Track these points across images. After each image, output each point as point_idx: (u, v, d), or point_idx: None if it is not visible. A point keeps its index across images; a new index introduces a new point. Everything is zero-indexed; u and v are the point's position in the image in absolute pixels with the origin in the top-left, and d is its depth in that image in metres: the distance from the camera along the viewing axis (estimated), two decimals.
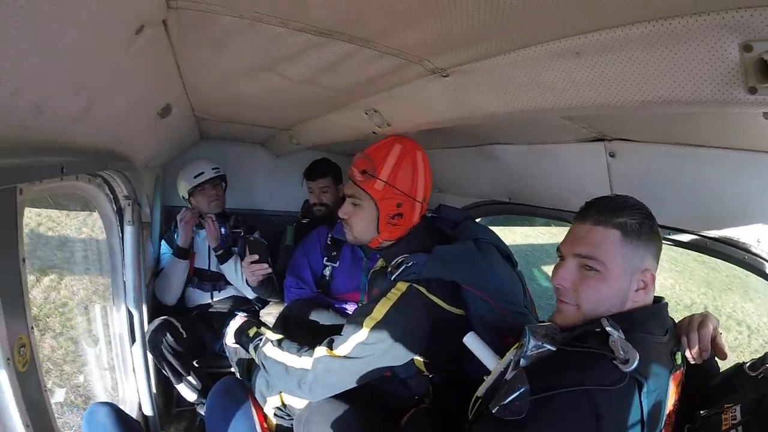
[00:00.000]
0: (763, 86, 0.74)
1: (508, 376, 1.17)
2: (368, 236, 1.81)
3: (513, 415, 1.08)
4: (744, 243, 1.48)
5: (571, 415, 1.08)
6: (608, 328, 1.12)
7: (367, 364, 1.60)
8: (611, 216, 1.21)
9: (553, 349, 1.17)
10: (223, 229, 3.24)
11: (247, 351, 1.93)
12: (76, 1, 0.64)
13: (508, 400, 1.09)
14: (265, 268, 2.51)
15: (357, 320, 1.64)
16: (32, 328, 1.34)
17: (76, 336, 3.54)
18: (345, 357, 1.60)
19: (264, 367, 1.78)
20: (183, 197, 3.30)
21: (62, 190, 1.97)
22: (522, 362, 1.17)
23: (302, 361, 1.67)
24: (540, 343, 1.17)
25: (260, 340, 1.85)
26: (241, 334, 1.98)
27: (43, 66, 0.73)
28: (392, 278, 1.73)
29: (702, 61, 0.80)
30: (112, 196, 2.26)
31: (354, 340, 1.60)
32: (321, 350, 1.65)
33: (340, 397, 1.76)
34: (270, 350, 1.77)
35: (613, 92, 1.00)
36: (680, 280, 9.45)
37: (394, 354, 1.60)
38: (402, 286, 1.65)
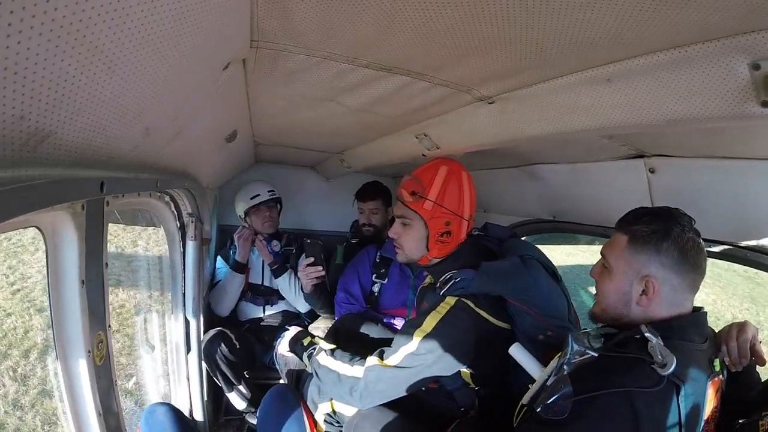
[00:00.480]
0: None
1: (551, 381, 1.22)
2: (418, 254, 1.87)
3: (556, 415, 1.13)
4: None
5: (611, 415, 1.12)
6: (647, 334, 1.17)
7: (416, 374, 1.66)
8: (628, 223, 1.33)
9: (595, 355, 1.21)
10: (269, 247, 3.41)
11: (301, 359, 2.01)
12: (183, 41, 0.77)
13: (551, 399, 1.15)
14: (319, 271, 2.63)
15: (408, 332, 1.70)
16: (109, 326, 1.50)
17: (131, 334, 3.76)
18: (395, 366, 1.66)
19: (317, 375, 1.86)
20: (240, 216, 3.46)
21: (136, 206, 2.15)
22: (565, 368, 1.21)
23: (354, 370, 1.75)
24: (582, 349, 1.22)
25: (314, 349, 1.94)
26: (296, 343, 2.07)
27: (155, 94, 0.88)
28: (441, 293, 1.78)
29: (717, 80, 0.89)
30: (176, 213, 2.43)
31: (404, 351, 1.67)
32: (372, 360, 1.72)
33: (389, 406, 1.82)
34: (323, 359, 1.85)
35: (641, 113, 1.10)
36: (722, 296, 9.20)
37: (442, 364, 1.66)
38: (451, 300, 1.70)
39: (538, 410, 1.17)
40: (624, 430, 1.11)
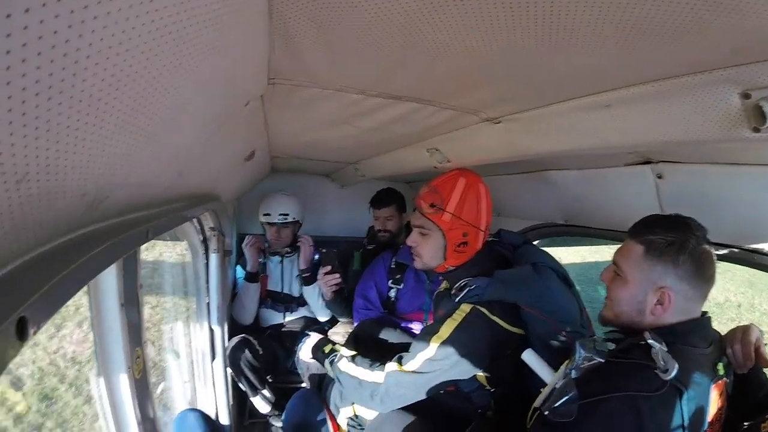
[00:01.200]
0: (764, 127, 0.87)
1: (558, 384, 1.26)
2: (436, 263, 1.92)
3: (563, 418, 1.18)
4: None
5: (616, 418, 1.17)
6: (650, 341, 1.20)
7: (434, 379, 1.70)
8: (643, 233, 1.33)
9: (602, 360, 1.25)
10: (317, 255, 3.44)
11: (323, 365, 2.07)
12: (210, 90, 0.85)
13: (558, 403, 1.20)
14: (336, 278, 2.74)
15: (425, 338, 1.74)
16: (145, 342, 1.60)
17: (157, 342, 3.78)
18: (414, 372, 1.71)
19: (339, 381, 1.92)
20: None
21: None
22: (573, 374, 1.25)
23: (374, 375, 1.80)
24: (589, 355, 1.25)
25: (335, 355, 2.00)
26: (317, 350, 2.13)
27: (187, 143, 0.96)
28: (456, 300, 1.82)
29: (710, 107, 0.95)
30: (199, 228, 2.53)
31: (422, 357, 1.71)
32: (392, 365, 1.78)
33: (408, 409, 1.88)
34: (345, 365, 1.91)
35: (638, 135, 1.17)
36: (720, 281, 9.14)
37: (458, 369, 1.69)
38: (466, 308, 1.74)
39: (546, 413, 1.22)
40: None
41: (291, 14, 0.82)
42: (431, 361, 1.70)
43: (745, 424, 1.29)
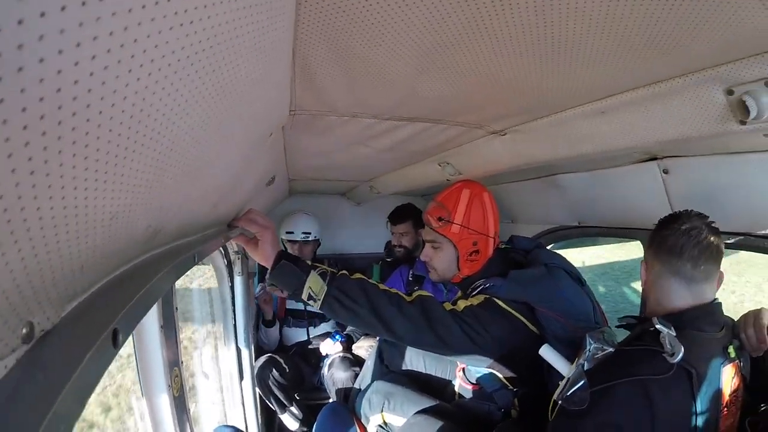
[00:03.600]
0: (749, 119, 0.96)
1: (571, 374, 1.31)
2: (450, 274, 1.96)
3: (576, 406, 1.24)
4: None
5: (626, 402, 1.22)
6: (658, 326, 1.27)
7: (458, 327, 1.62)
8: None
9: (612, 349, 1.32)
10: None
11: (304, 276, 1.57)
12: (241, 132, 0.93)
13: (570, 392, 1.26)
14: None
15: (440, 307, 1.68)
16: (182, 362, 1.68)
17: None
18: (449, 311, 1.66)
19: (343, 293, 1.57)
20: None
21: None
22: (585, 365, 1.31)
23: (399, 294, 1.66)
24: (599, 345, 1.32)
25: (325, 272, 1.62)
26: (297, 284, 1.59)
27: (220, 181, 1.04)
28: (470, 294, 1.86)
29: (699, 106, 1.05)
30: (224, 252, 2.63)
31: (446, 310, 1.66)
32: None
33: (435, 415, 1.93)
34: (353, 279, 1.64)
35: (634, 137, 1.27)
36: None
37: (462, 342, 1.62)
38: (480, 297, 1.75)
39: (560, 402, 1.28)
40: (640, 415, 1.20)
41: (313, 52, 0.90)
42: (454, 314, 1.67)
43: (762, 406, 1.34)
